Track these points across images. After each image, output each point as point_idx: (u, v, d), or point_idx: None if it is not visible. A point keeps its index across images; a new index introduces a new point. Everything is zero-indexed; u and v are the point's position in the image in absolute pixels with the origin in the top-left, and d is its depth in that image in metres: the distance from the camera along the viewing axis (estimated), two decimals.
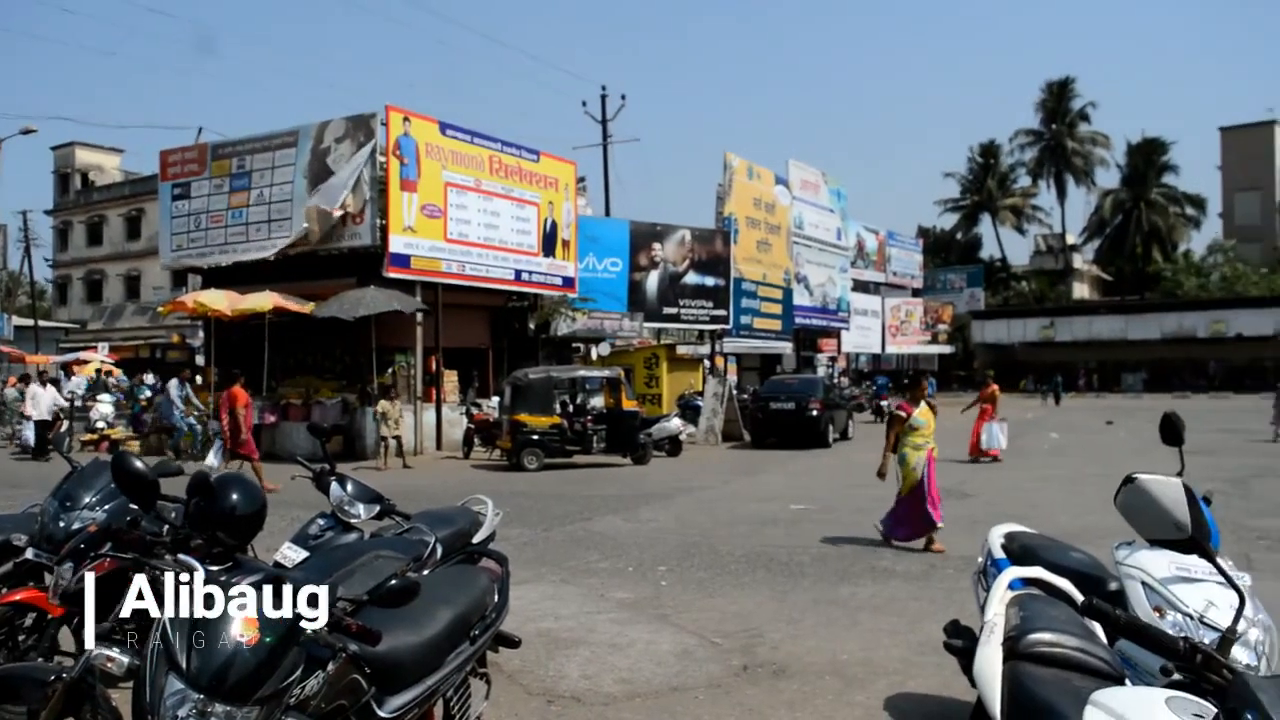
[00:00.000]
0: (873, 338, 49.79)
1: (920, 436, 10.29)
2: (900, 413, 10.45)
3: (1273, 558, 9.56)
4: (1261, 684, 1.76)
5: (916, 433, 10.28)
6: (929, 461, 10.27)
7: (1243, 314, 54.54)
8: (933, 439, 10.46)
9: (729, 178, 34.09)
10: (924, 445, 10.30)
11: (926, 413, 10.48)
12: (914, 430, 10.28)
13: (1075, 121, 68.88)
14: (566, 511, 13.05)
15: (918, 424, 10.32)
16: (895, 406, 10.83)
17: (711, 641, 6.75)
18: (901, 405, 10.62)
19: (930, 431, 10.42)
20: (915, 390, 10.91)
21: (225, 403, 15.39)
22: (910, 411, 10.39)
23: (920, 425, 10.33)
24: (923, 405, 10.52)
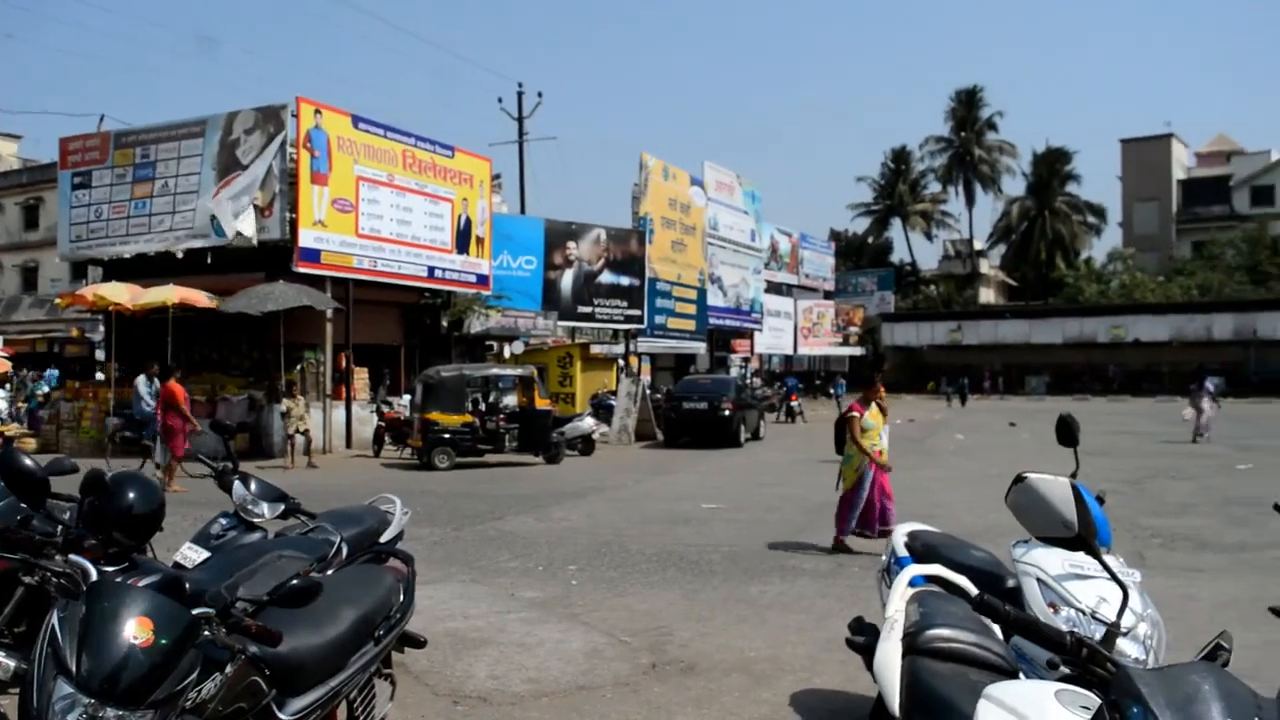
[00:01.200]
0: (785, 339, 50.34)
1: (868, 439, 10.19)
2: (853, 414, 10.30)
3: (1165, 555, 9.89)
4: (1143, 676, 1.83)
5: (865, 434, 10.20)
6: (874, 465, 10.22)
7: (1141, 320, 56.37)
8: (880, 440, 10.35)
9: (645, 178, 34.19)
10: (872, 448, 10.21)
11: (877, 414, 10.38)
12: (864, 431, 10.19)
13: (983, 130, 70.51)
14: (477, 511, 12.97)
15: (868, 425, 10.22)
16: (848, 407, 10.62)
17: (621, 640, 6.77)
18: (854, 405, 10.48)
19: (879, 433, 10.32)
20: (869, 391, 10.75)
21: (162, 399, 15.51)
22: (862, 412, 10.28)
23: (870, 426, 10.24)
24: (874, 406, 10.42)
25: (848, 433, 10.24)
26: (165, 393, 15.48)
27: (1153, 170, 70.90)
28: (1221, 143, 76.46)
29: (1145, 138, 71.85)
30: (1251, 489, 14.22)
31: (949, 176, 71.70)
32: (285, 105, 21.10)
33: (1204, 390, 24.57)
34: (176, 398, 15.31)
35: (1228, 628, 6.96)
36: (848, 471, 10.25)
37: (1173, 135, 71.97)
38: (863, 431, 10.15)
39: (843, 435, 10.35)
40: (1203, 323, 54.63)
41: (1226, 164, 72.93)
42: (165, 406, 15.44)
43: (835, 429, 10.65)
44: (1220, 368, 52.63)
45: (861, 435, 10.12)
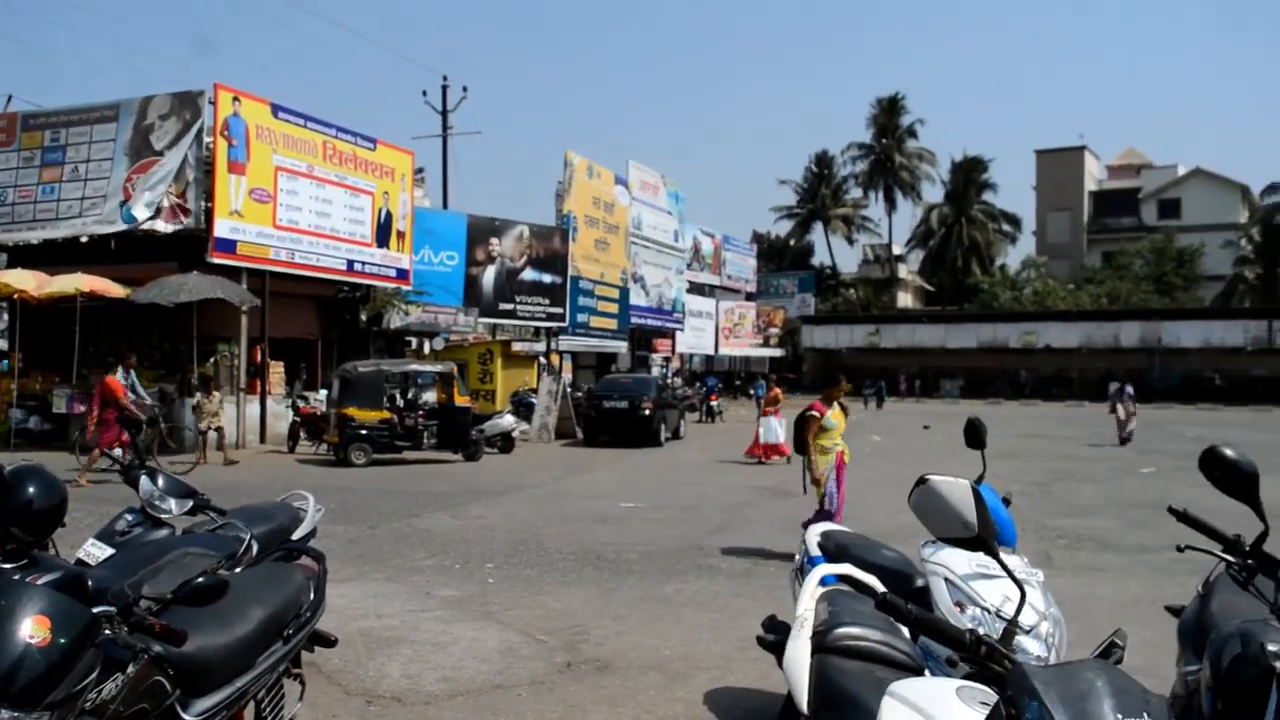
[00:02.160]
0: (707, 339, 50.64)
1: (829, 439, 9.72)
2: (813, 413, 9.76)
3: (1070, 555, 10.16)
4: (1038, 673, 1.89)
5: (826, 434, 9.71)
6: (838, 465, 9.77)
7: (1052, 327, 57.85)
8: (842, 441, 9.92)
9: (569, 176, 34.14)
10: (833, 448, 9.74)
11: (838, 414, 9.91)
12: (824, 432, 9.71)
13: (904, 137, 71.64)
14: (394, 508, 12.83)
15: (829, 425, 9.73)
16: (808, 406, 10.04)
17: (536, 639, 6.75)
18: (814, 405, 9.93)
19: (840, 433, 9.87)
20: (830, 390, 10.18)
21: (99, 393, 15.29)
22: (823, 411, 9.76)
23: (831, 426, 9.74)
24: (835, 406, 9.93)
25: (802, 433, 9.80)
26: (103, 387, 15.28)
27: (1066, 181, 72.90)
28: (1131, 156, 78.89)
29: (1059, 149, 73.83)
30: (1153, 492, 14.66)
31: (870, 182, 72.71)
32: (203, 91, 20.63)
33: (1124, 395, 25.48)
34: (115, 392, 15.14)
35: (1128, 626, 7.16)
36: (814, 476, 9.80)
37: (1085, 148, 74.10)
38: (823, 431, 9.68)
39: (804, 434, 9.87)
40: (1111, 330, 56.30)
41: (1136, 177, 75.35)
42: (102, 401, 15.18)
43: (795, 427, 10.16)
44: (1126, 374, 54.28)
45: (822, 435, 9.66)
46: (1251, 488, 2.78)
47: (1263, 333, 53.39)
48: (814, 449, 9.66)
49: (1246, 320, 55.02)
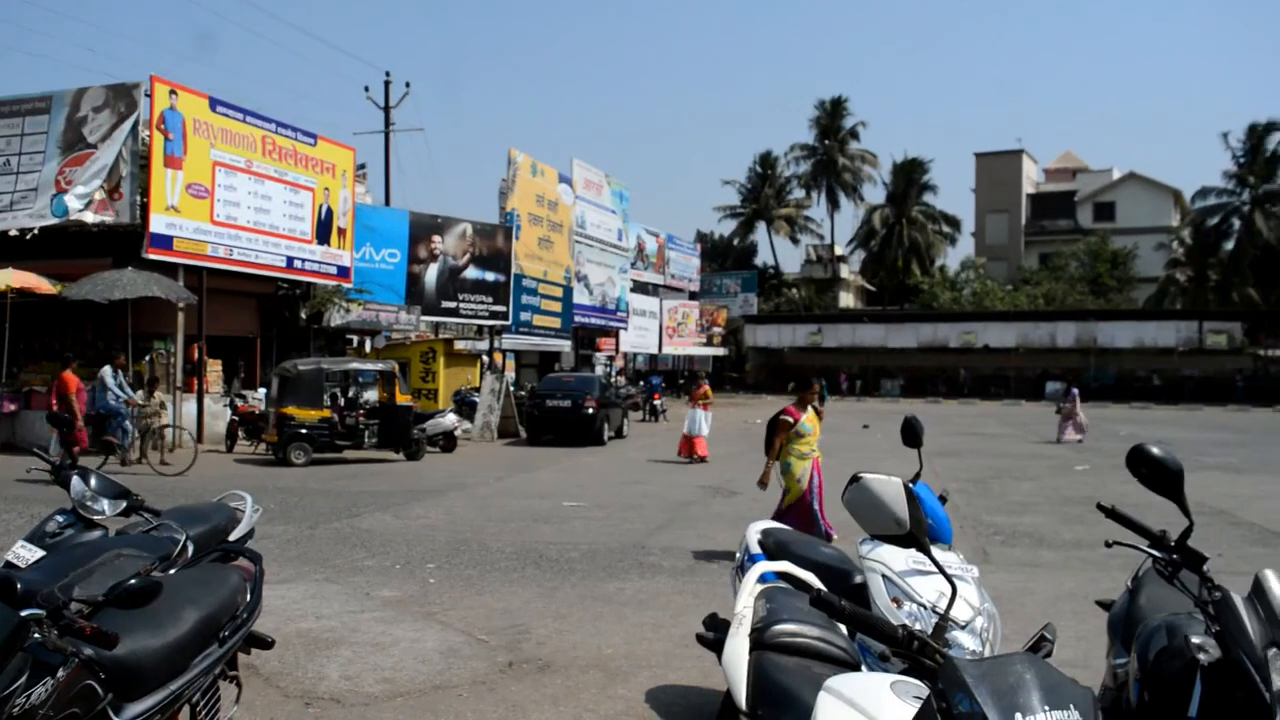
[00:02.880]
0: (650, 338, 50.71)
1: (805, 444, 9.42)
2: (787, 417, 9.43)
3: (1006, 551, 10.33)
4: (968, 666, 1.94)
5: (802, 440, 9.39)
6: (815, 470, 9.50)
7: (990, 327, 58.73)
8: (818, 446, 9.66)
9: (513, 174, 33.99)
10: (809, 454, 9.45)
11: (813, 418, 9.62)
12: (800, 437, 9.38)
13: (847, 139, 72.20)
14: (334, 508, 12.70)
15: (804, 430, 9.41)
16: (782, 410, 9.67)
17: (478, 639, 6.73)
18: (787, 410, 9.57)
19: (815, 438, 9.60)
20: (804, 393, 9.84)
21: (55, 389, 15.16)
22: (797, 416, 9.45)
23: (807, 432, 9.44)
24: (809, 410, 9.64)
25: (776, 438, 9.45)
26: (59, 382, 15.14)
27: (1004, 184, 74.08)
28: (1068, 160, 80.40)
29: (998, 152, 75.03)
30: (1087, 489, 14.95)
31: (813, 183, 73.19)
32: (139, 84, 20.23)
33: (1071, 396, 26.19)
34: (66, 387, 14.99)
35: (1062, 620, 7.34)
36: (790, 483, 9.47)
37: (1023, 151, 75.36)
38: (798, 437, 9.38)
39: (772, 437, 9.57)
40: (1047, 331, 57.28)
41: (1072, 180, 76.79)
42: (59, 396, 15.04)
43: (767, 429, 9.76)
44: (1062, 374, 55.43)
45: (797, 441, 9.37)
46: (1177, 485, 2.85)
47: (1193, 334, 54.68)
48: (785, 453, 9.39)
49: (1178, 321, 56.30)
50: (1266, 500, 14.61)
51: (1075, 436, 25.46)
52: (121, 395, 16.86)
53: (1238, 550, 10.32)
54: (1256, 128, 58.69)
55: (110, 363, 17.29)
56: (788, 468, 9.41)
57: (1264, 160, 58.55)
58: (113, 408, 16.85)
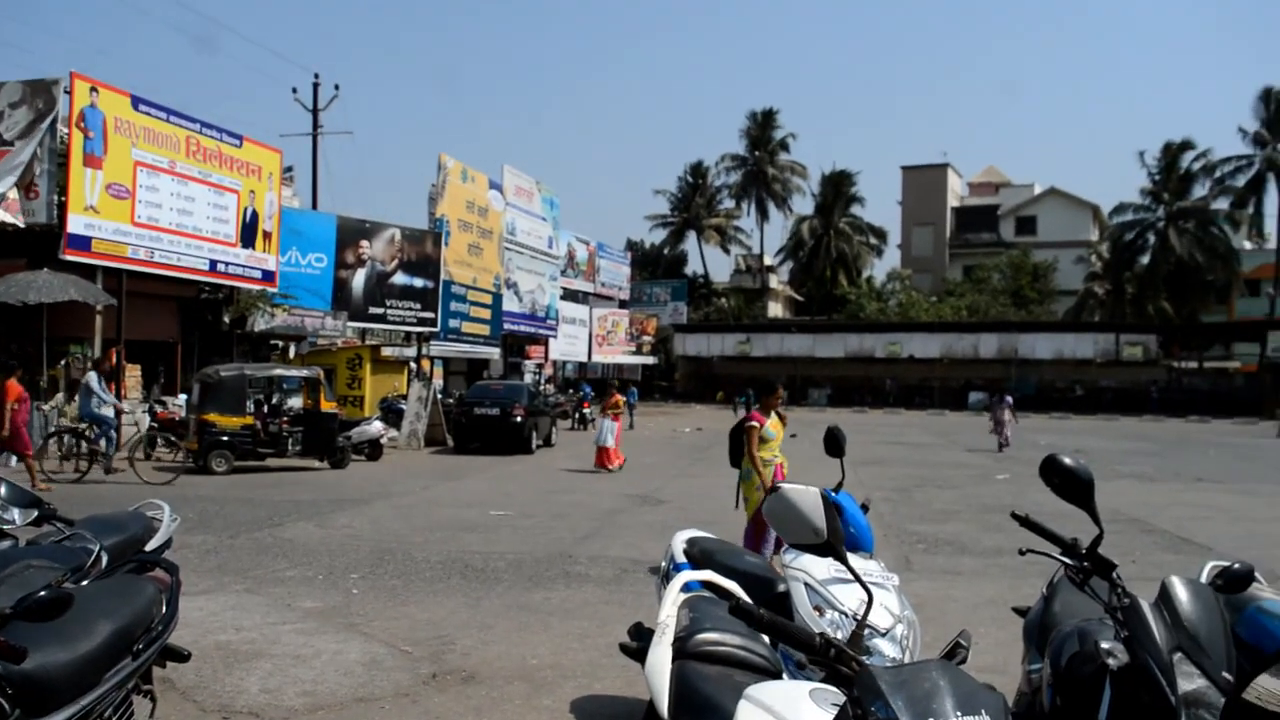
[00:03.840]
0: (580, 346, 50.65)
1: (768, 450, 9.10)
2: (753, 423, 9.11)
3: (928, 559, 10.49)
4: (883, 674, 1.97)
5: (765, 445, 9.09)
6: (779, 477, 9.03)
7: (915, 337, 59.66)
8: (780, 452, 9.38)
9: (443, 179, 33.78)
10: (772, 460, 9.14)
11: (777, 424, 9.30)
12: (763, 443, 9.08)
13: (776, 150, 72.91)
14: (255, 517, 12.48)
15: (767, 435, 9.12)
16: (746, 416, 9.38)
17: (401, 650, 6.66)
18: (753, 415, 9.27)
19: (778, 444, 9.33)
20: (767, 398, 9.44)
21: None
22: (762, 422, 9.12)
23: (770, 437, 9.14)
24: (773, 415, 9.30)
25: (745, 445, 9.09)
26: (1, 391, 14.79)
27: (929, 197, 75.49)
28: (991, 174, 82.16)
29: (923, 166, 76.40)
30: (1007, 498, 15.27)
31: (743, 193, 73.77)
32: (58, 80, 19.71)
33: (1004, 404, 26.84)
34: (8, 395, 14.66)
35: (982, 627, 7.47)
36: (749, 491, 9.08)
37: (948, 165, 76.87)
38: (762, 443, 9.06)
39: (738, 447, 9.23)
40: (970, 341, 58.34)
41: (995, 194, 78.51)
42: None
43: (730, 439, 9.44)
44: (984, 384, 56.56)
45: (760, 447, 9.04)
46: (1087, 494, 2.92)
47: (1110, 345, 56.08)
48: (745, 460, 9.06)
49: (1096, 334, 57.74)
50: (1177, 508, 15.04)
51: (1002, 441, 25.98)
52: (107, 401, 16.57)
53: (1150, 557, 10.61)
54: (1171, 146, 60.46)
55: (96, 369, 16.96)
56: (748, 475, 9.09)
57: (1178, 178, 60.30)
58: (99, 415, 16.52)
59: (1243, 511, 15.00)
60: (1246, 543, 11.63)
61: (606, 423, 20.15)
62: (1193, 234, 59.21)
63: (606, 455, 19.74)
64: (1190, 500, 16.29)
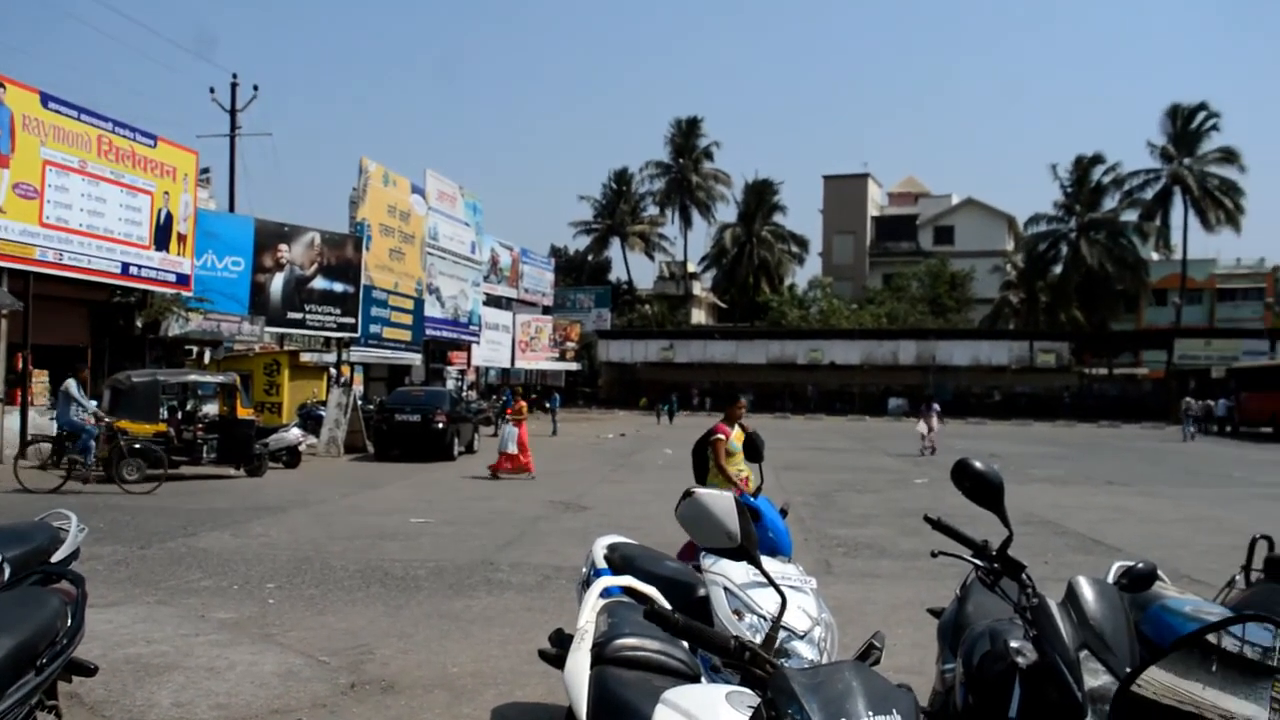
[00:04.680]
0: (503, 352, 50.42)
1: (733, 464, 8.70)
2: (718, 436, 8.71)
3: (848, 562, 10.62)
4: (796, 675, 2.00)
5: (730, 459, 8.68)
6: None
7: (836, 344, 60.50)
8: (746, 465, 8.85)
9: (364, 183, 33.39)
10: (736, 476, 8.65)
11: (741, 437, 8.82)
12: (729, 456, 8.67)
13: (701, 158, 73.46)
14: (168, 527, 12.19)
15: (733, 449, 8.70)
16: (711, 429, 8.90)
17: (319, 660, 6.55)
18: (718, 427, 8.84)
19: (742, 458, 8.79)
20: (731, 409, 9.07)
21: None
22: (728, 434, 8.74)
23: (735, 450, 8.72)
24: (737, 428, 8.87)
25: (711, 459, 8.67)
26: None
27: (850, 206, 76.67)
28: (910, 184, 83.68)
29: (844, 175, 77.56)
30: (925, 501, 15.51)
31: (667, 200, 74.21)
32: None
33: (931, 410, 27.41)
34: None
35: (900, 628, 7.58)
36: None
37: (869, 175, 78.15)
38: (728, 456, 8.67)
39: (703, 464, 8.81)
40: (890, 348, 59.35)
41: (914, 204, 80.00)
42: None
43: (694, 455, 8.96)
44: (903, 390, 57.59)
45: (727, 460, 8.65)
46: (997, 497, 2.99)
47: (1024, 353, 57.46)
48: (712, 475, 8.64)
49: (1011, 341, 59.14)
50: (1088, 511, 15.44)
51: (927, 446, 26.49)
52: (88, 409, 16.12)
53: (1062, 558, 10.87)
54: (1083, 160, 62.24)
55: (74, 376, 16.44)
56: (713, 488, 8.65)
57: (1089, 191, 62.07)
58: (78, 424, 16.03)
59: (1150, 513, 15.45)
60: (1153, 543, 11.99)
61: (509, 428, 19.91)
62: (1103, 245, 60.96)
63: (507, 460, 19.51)
64: (1101, 503, 16.73)
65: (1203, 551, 11.37)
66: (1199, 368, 53.79)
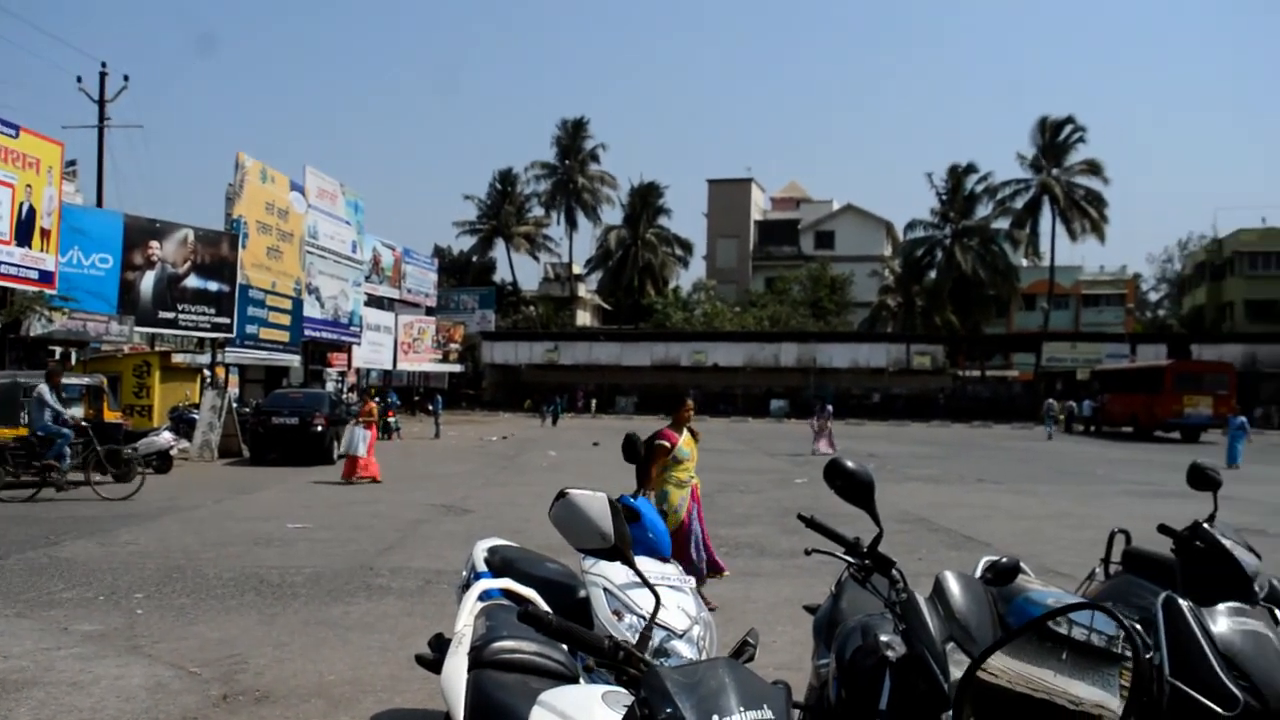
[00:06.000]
0: (385, 354, 49.62)
1: (683, 470, 8.47)
2: (663, 441, 8.40)
3: (730, 561, 10.61)
4: (670, 674, 2.02)
5: (680, 466, 8.44)
6: (694, 499, 8.60)
7: (719, 347, 61.19)
8: (695, 472, 8.75)
9: (241, 179, 32.49)
10: (688, 480, 8.52)
11: (690, 441, 8.65)
12: (677, 463, 8.43)
13: (587, 160, 73.49)
14: (29, 536, 11.67)
15: (681, 455, 8.47)
16: (656, 433, 8.54)
17: (189, 671, 6.35)
18: (663, 433, 8.55)
19: (693, 464, 8.70)
20: (678, 411, 8.80)
21: None
22: (675, 440, 8.47)
23: (684, 457, 8.52)
24: (685, 432, 8.65)
25: (652, 465, 8.29)
26: None
27: (734, 210, 77.68)
28: (793, 190, 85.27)
29: (729, 180, 78.55)
30: (804, 501, 15.78)
31: (553, 202, 74.04)
32: None
33: (825, 412, 28.50)
34: None
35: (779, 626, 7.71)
36: (668, 513, 8.26)
37: (752, 180, 79.29)
38: (675, 463, 8.41)
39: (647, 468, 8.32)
40: (772, 351, 60.27)
41: (796, 209, 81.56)
42: None
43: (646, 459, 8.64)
44: (785, 392, 58.56)
45: (675, 468, 8.40)
46: (868, 495, 3.06)
47: (902, 355, 59.01)
48: (662, 481, 8.40)
49: (888, 344, 60.67)
50: (960, 508, 15.92)
51: (827, 449, 27.02)
52: (63, 414, 15.33)
53: (935, 554, 11.19)
54: (957, 169, 64.21)
55: (47, 379, 15.51)
56: (664, 496, 8.35)
57: (963, 198, 64.06)
58: (52, 429, 15.14)
59: (1020, 510, 16.01)
60: (1022, 539, 12.44)
61: (359, 431, 19.41)
62: (976, 251, 62.99)
63: (356, 465, 19.17)
64: (973, 501, 17.26)
65: (1067, 546, 11.84)
66: (1065, 370, 56.16)
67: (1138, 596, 4.37)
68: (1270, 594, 4.20)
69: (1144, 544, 5.02)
